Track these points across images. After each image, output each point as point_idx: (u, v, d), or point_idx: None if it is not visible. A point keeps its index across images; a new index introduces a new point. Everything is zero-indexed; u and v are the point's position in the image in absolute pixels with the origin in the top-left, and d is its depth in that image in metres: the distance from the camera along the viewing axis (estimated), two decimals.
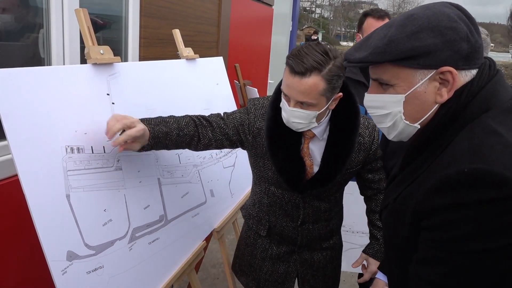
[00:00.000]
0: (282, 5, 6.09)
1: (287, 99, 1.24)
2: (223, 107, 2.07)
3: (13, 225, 1.36)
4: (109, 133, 1.16)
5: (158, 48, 2.31)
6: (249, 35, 4.29)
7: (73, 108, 1.14)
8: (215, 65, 2.10)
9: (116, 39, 2.09)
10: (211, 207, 1.80)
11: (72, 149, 1.11)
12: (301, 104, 1.22)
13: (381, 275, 1.36)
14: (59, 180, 1.05)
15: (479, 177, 0.68)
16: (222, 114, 1.43)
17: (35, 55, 1.59)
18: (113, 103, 1.29)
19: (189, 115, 1.38)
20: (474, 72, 0.81)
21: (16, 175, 0.97)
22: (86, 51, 1.22)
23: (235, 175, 2.05)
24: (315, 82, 1.17)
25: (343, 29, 59.62)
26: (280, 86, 1.30)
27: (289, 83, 1.20)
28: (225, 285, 2.73)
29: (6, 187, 1.34)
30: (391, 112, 0.85)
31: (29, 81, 1.02)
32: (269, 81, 5.48)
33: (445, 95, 0.80)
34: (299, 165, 1.35)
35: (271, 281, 1.56)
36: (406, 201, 0.83)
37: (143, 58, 2.18)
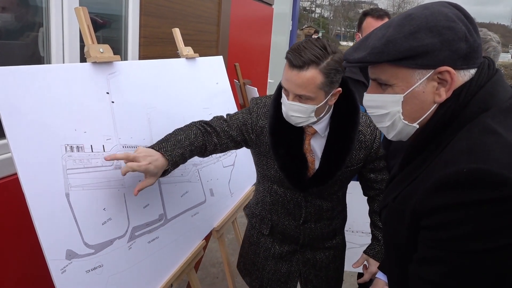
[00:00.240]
0: (282, 4, 6.08)
1: (287, 93, 1.26)
2: (222, 106, 2.07)
3: (12, 224, 1.36)
4: (110, 157, 1.15)
5: (158, 47, 2.30)
6: (249, 34, 4.28)
7: (73, 106, 1.14)
8: (215, 64, 2.11)
9: (116, 38, 2.09)
10: (211, 206, 1.80)
11: (71, 147, 1.11)
12: (300, 97, 1.23)
13: (381, 275, 1.37)
14: (59, 178, 1.05)
15: (478, 177, 0.68)
16: (225, 116, 1.44)
17: (34, 54, 1.58)
18: (112, 102, 1.29)
19: (194, 123, 1.39)
20: (473, 71, 0.81)
21: (15, 174, 0.97)
22: (85, 49, 1.22)
23: (235, 174, 2.05)
24: (313, 75, 1.19)
25: (343, 29, 59.53)
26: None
27: (288, 76, 1.22)
28: (225, 284, 2.73)
29: (5, 186, 1.34)
30: (390, 112, 0.85)
31: (28, 80, 1.02)
32: (269, 81, 5.47)
33: (444, 95, 0.80)
34: (301, 162, 1.36)
35: (274, 280, 1.56)
36: (405, 201, 0.83)
37: (143, 57, 2.18)
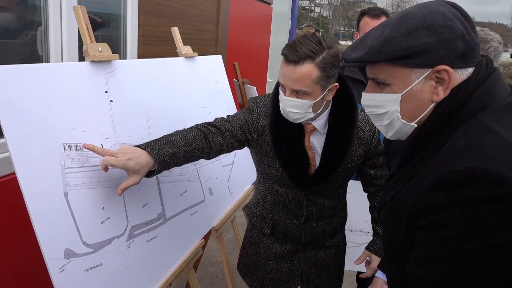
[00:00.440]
0: (281, 3, 6.07)
1: (283, 89, 1.27)
2: (221, 105, 2.07)
3: (10, 223, 1.35)
4: (88, 146, 1.14)
5: (156, 46, 2.30)
6: (248, 33, 4.28)
7: (71, 105, 1.14)
8: (213, 63, 2.10)
9: (114, 37, 2.09)
10: (210, 206, 1.80)
11: (70, 146, 1.11)
12: (297, 93, 1.24)
13: (380, 274, 1.37)
14: (57, 177, 1.05)
15: (475, 176, 0.68)
16: (226, 117, 1.44)
17: (33, 53, 1.58)
18: (111, 101, 1.29)
19: (196, 126, 1.38)
20: (470, 70, 0.81)
21: (13, 173, 0.97)
22: (84, 48, 1.22)
23: (234, 174, 2.05)
24: (308, 70, 1.19)
25: (342, 28, 59.55)
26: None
27: (284, 72, 1.23)
28: (224, 284, 2.73)
29: (3, 185, 1.34)
30: (388, 111, 0.85)
31: (27, 78, 1.02)
32: (267, 80, 5.47)
33: (441, 94, 0.80)
34: (302, 159, 1.36)
35: (275, 280, 1.56)
36: (403, 200, 0.83)
37: (142, 56, 2.17)
